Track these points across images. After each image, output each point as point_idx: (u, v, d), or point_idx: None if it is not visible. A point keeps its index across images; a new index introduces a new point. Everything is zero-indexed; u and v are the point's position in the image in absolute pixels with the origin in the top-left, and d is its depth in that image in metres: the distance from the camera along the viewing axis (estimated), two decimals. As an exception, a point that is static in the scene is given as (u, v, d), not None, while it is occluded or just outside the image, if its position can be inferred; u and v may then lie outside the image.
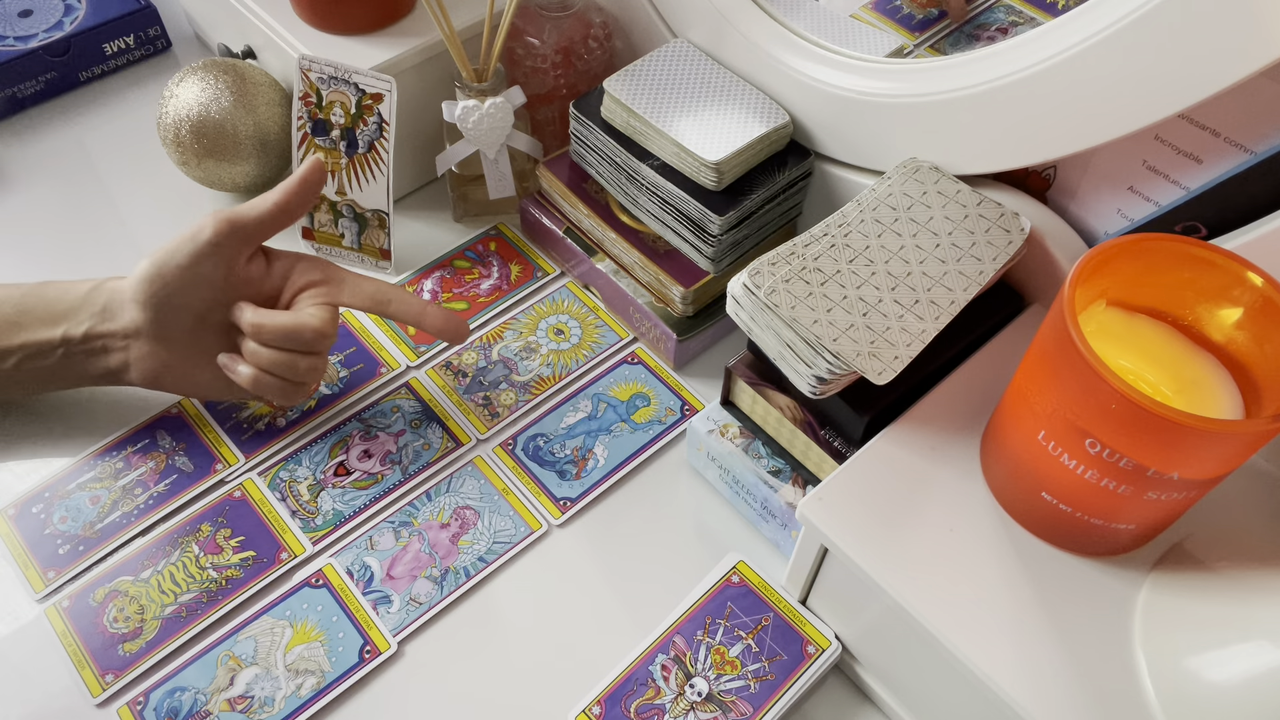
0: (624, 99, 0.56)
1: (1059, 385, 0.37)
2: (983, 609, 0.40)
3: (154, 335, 0.51)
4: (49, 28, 0.74)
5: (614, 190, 0.60)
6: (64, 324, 0.51)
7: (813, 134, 0.57)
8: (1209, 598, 0.39)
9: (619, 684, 0.47)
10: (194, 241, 0.49)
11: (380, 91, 0.60)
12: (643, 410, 0.59)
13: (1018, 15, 0.59)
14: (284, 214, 0.51)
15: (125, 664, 0.48)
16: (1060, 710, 0.37)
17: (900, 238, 0.47)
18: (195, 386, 0.54)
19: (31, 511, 0.54)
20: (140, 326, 0.51)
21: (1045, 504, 0.40)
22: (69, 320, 0.51)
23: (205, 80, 0.63)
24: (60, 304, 0.52)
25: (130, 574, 0.51)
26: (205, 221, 0.49)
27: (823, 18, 0.57)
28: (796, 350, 0.44)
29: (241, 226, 0.50)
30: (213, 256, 0.49)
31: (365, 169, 0.62)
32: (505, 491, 0.55)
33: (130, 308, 0.51)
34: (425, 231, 0.68)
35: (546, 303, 0.64)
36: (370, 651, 0.49)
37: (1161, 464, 0.35)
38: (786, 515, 0.50)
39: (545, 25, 0.63)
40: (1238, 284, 0.38)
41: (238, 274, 0.51)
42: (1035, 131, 0.46)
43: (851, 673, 0.49)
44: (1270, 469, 0.44)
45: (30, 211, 0.69)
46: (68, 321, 0.51)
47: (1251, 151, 0.42)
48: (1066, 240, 0.49)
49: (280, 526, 0.53)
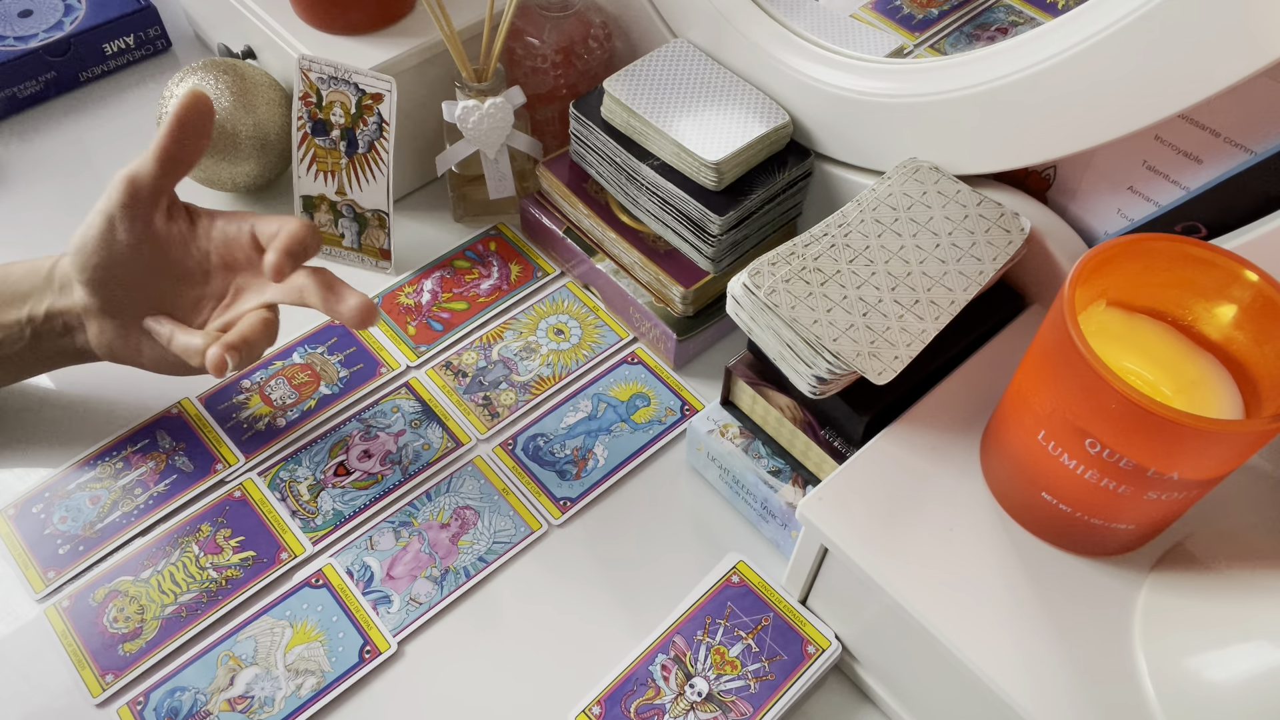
0: (624, 99, 0.56)
1: (1059, 385, 0.37)
2: (983, 609, 0.40)
3: (100, 310, 0.50)
4: (49, 28, 0.74)
5: (614, 190, 0.60)
6: (28, 304, 0.51)
7: (813, 134, 0.57)
8: (1209, 598, 0.39)
9: (619, 684, 0.47)
10: (104, 208, 0.48)
11: (380, 91, 0.60)
12: (643, 410, 0.59)
13: (1018, 15, 0.59)
14: (170, 159, 0.48)
15: (125, 664, 0.48)
16: (1060, 710, 0.37)
17: (900, 238, 0.47)
18: (143, 360, 0.52)
19: (31, 511, 0.53)
20: (87, 303, 0.50)
21: (1045, 504, 0.40)
22: (32, 300, 0.51)
23: (205, 80, 0.63)
24: (24, 284, 0.51)
25: (130, 574, 0.51)
26: (110, 184, 0.48)
27: (823, 18, 0.57)
28: (796, 350, 0.44)
29: (137, 182, 0.48)
30: (122, 220, 0.48)
31: (365, 169, 0.62)
32: (505, 491, 0.55)
33: (75, 284, 0.50)
34: (425, 231, 0.68)
35: (546, 303, 0.64)
36: (370, 651, 0.49)
37: (1161, 464, 0.35)
38: (786, 515, 0.50)
39: (545, 25, 0.63)
40: (1237, 284, 0.38)
41: (159, 235, 0.49)
42: (1035, 131, 0.46)
43: (851, 673, 0.49)
44: (1270, 469, 0.44)
45: (30, 211, 0.69)
46: (31, 301, 0.51)
47: (1251, 151, 0.42)
48: (1066, 240, 0.49)
49: (280, 526, 0.53)
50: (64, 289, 0.51)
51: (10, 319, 0.51)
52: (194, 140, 0.49)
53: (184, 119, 0.48)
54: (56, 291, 0.51)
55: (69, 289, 0.51)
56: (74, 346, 0.52)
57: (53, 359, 0.53)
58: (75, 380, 0.59)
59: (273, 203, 0.68)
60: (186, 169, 0.49)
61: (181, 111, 0.48)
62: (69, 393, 0.58)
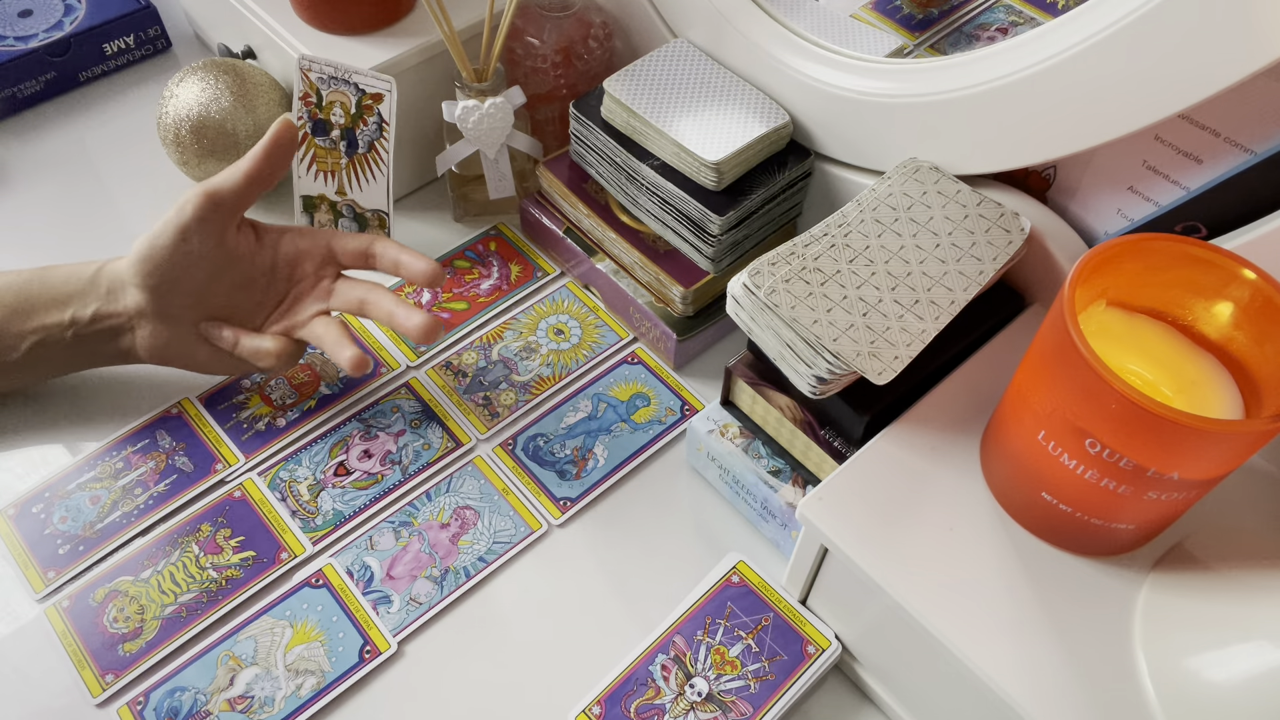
0: (624, 99, 0.56)
1: (1059, 385, 0.37)
2: (983, 609, 0.40)
3: (156, 314, 0.52)
4: (49, 28, 0.74)
5: (614, 190, 0.60)
6: (71, 307, 0.52)
7: (813, 134, 0.57)
8: (1209, 598, 0.39)
9: (619, 684, 0.47)
10: (178, 220, 0.50)
11: (380, 91, 0.60)
12: (643, 410, 0.59)
13: (1018, 15, 0.59)
14: (257, 180, 0.52)
15: (125, 664, 0.48)
16: (1060, 710, 0.37)
17: (900, 238, 0.47)
18: (197, 363, 0.55)
19: (31, 511, 0.53)
20: (143, 307, 0.52)
21: (1045, 504, 0.40)
22: (76, 303, 0.52)
23: (205, 80, 0.63)
24: (66, 287, 0.52)
25: (130, 574, 0.51)
26: (186, 197, 0.50)
27: (823, 18, 0.57)
28: (796, 350, 0.44)
29: (219, 198, 0.51)
30: (198, 232, 0.50)
31: (365, 169, 0.62)
32: (505, 491, 0.55)
33: (130, 289, 0.52)
34: (425, 231, 0.68)
35: (546, 303, 0.64)
36: (370, 651, 0.49)
37: (1162, 464, 0.35)
38: (786, 515, 0.50)
39: (545, 25, 0.63)
40: (1237, 284, 0.38)
41: (228, 248, 0.52)
42: (1035, 131, 0.46)
43: (851, 673, 0.49)
44: (1270, 469, 0.44)
45: (30, 211, 0.69)
46: (75, 304, 0.52)
47: (1251, 151, 0.42)
48: (1066, 240, 0.49)
49: (280, 526, 0.53)
50: (113, 293, 0.52)
51: (51, 321, 0.52)
52: (281, 165, 0.52)
53: (278, 140, 0.52)
54: (104, 296, 0.52)
55: (120, 293, 0.52)
56: (117, 349, 0.54)
57: (89, 359, 0.55)
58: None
59: (273, 202, 0.68)
60: (265, 190, 0.52)
61: (277, 133, 0.51)
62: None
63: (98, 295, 0.52)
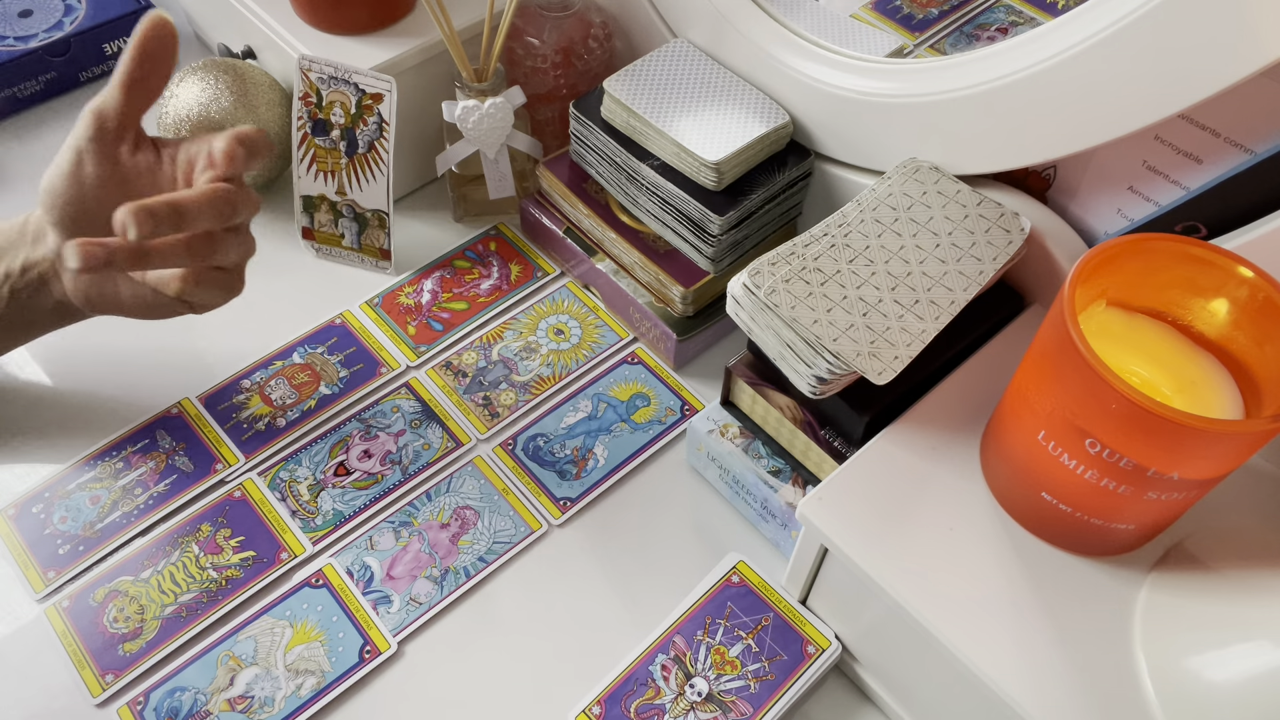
0: (624, 99, 0.56)
1: (1059, 385, 0.37)
2: (983, 609, 0.40)
3: None
4: (49, 28, 0.74)
5: (614, 190, 0.60)
6: (3, 261, 0.50)
7: (813, 134, 0.57)
8: (1209, 598, 0.39)
9: (619, 684, 0.47)
10: (71, 144, 0.47)
11: (380, 91, 0.60)
12: (643, 410, 0.59)
13: (1018, 15, 0.59)
14: (133, 85, 0.47)
15: (125, 664, 0.48)
16: (1060, 710, 0.37)
17: (900, 238, 0.47)
18: (123, 303, 0.50)
19: (31, 511, 0.54)
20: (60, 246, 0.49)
21: (1045, 504, 0.40)
22: (8, 256, 0.50)
23: (205, 80, 0.63)
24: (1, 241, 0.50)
25: (130, 574, 0.51)
26: (77, 122, 0.47)
27: (823, 18, 0.57)
28: (796, 350, 0.44)
29: (103, 112, 0.47)
30: (92, 153, 0.47)
31: (365, 169, 0.62)
32: (505, 491, 0.55)
33: (48, 230, 0.49)
34: (425, 231, 0.68)
35: (546, 303, 0.64)
36: (370, 651, 0.49)
37: (1161, 464, 0.35)
38: (786, 515, 0.50)
39: (545, 25, 0.63)
40: (1237, 284, 0.38)
41: (125, 167, 0.48)
42: (1035, 131, 0.46)
43: (851, 673, 0.49)
44: (1270, 469, 0.44)
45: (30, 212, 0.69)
46: (7, 258, 0.50)
47: (1251, 151, 0.42)
48: (1066, 240, 0.49)
49: (280, 526, 0.53)
50: (37, 239, 0.50)
51: None
52: (157, 64, 0.47)
53: (145, 42, 0.46)
54: (30, 244, 0.50)
55: (42, 238, 0.49)
56: (54, 301, 0.51)
57: (34, 321, 0.52)
58: (75, 380, 0.59)
59: (273, 202, 0.68)
60: (152, 97, 0.48)
61: (142, 35, 0.46)
62: (69, 392, 0.58)
63: (25, 244, 0.50)
